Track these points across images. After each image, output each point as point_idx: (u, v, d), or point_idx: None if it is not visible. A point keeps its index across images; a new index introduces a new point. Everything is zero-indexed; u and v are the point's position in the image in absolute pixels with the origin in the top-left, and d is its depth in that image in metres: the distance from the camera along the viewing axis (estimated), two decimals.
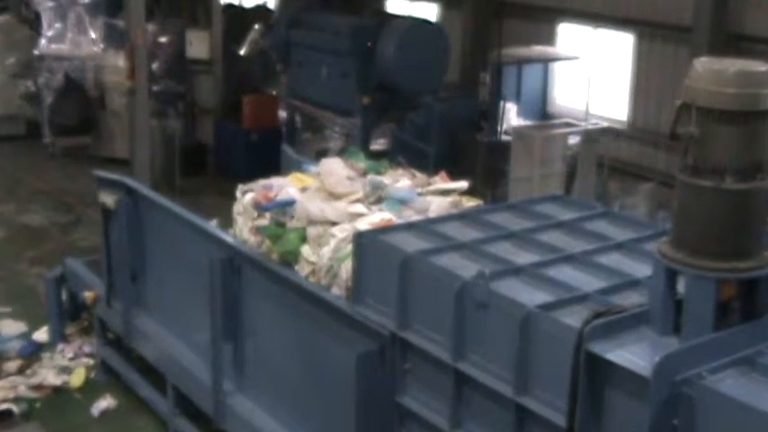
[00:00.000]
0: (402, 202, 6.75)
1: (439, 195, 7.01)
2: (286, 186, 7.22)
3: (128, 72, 13.10)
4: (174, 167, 14.72)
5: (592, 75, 13.97)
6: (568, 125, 13.21)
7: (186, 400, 7.91)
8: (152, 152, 13.68)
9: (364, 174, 7.34)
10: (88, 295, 9.04)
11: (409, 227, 6.19)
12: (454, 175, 7.52)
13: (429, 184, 7.27)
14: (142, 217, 8.40)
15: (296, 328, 6.63)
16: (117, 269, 8.61)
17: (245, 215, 7.26)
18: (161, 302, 8.37)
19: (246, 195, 7.36)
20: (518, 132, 12.91)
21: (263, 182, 7.41)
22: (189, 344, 7.91)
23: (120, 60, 15.21)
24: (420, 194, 6.98)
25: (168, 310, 8.27)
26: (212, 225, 7.93)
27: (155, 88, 15.19)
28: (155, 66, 15.61)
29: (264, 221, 6.99)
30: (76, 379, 9.06)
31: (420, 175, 7.44)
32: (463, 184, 7.22)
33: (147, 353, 8.50)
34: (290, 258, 6.66)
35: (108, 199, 8.45)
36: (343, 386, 5.97)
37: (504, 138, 13.30)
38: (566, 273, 5.45)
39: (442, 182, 7.29)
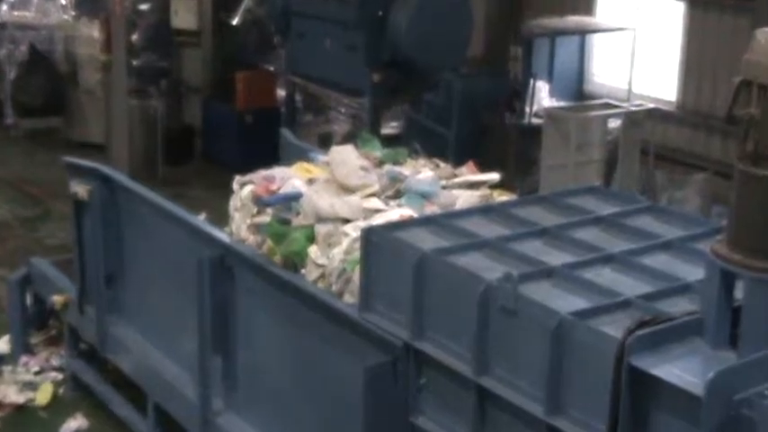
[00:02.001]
0: (424, 197, 6.74)
1: (466, 189, 7.01)
2: (290, 178, 7.21)
3: (103, 44, 13.16)
4: (156, 154, 14.75)
5: (636, 49, 13.94)
6: (608, 106, 13.20)
7: (169, 420, 7.92)
8: (131, 136, 13.72)
9: (380, 164, 7.34)
10: (57, 300, 9.05)
11: (425, 222, 6.19)
12: (478, 164, 7.51)
13: (455, 175, 7.26)
14: (120, 210, 8.41)
15: (296, 337, 6.64)
16: (90, 270, 8.62)
17: (244, 211, 7.26)
18: (141, 308, 8.39)
19: (245, 188, 7.36)
20: (551, 114, 12.91)
21: (263, 172, 7.41)
22: (173, 355, 7.92)
23: (94, 30, 15.26)
24: (445, 188, 6.97)
25: (149, 317, 8.28)
26: (200, 220, 7.94)
27: (134, 63, 15.19)
28: (134, 37, 15.60)
29: (266, 218, 6.98)
30: (42, 396, 9.07)
31: (444, 166, 7.43)
32: (494, 176, 7.21)
33: (125, 366, 8.52)
34: (296, 260, 6.64)
35: (80, 189, 8.46)
36: (350, 404, 5.97)
37: (535, 121, 13.30)
38: (605, 275, 5.44)
39: (469, 173, 7.28)
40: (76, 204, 8.63)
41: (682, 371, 4.46)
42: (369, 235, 6.00)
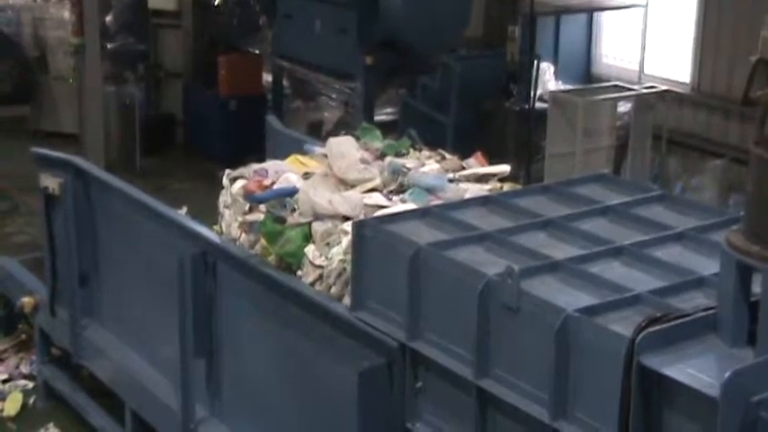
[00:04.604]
0: (430, 191, 6.74)
1: (475, 182, 7.02)
2: (285, 172, 7.19)
3: (75, 26, 13.11)
4: (133, 144, 14.77)
5: (647, 27, 13.94)
6: (618, 89, 13.21)
7: (149, 430, 7.93)
8: (106, 125, 13.70)
9: (381, 156, 7.34)
10: (26, 302, 9.06)
11: (421, 214, 6.21)
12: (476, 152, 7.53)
13: (462, 167, 7.27)
14: (94, 205, 8.42)
15: (284, 339, 6.65)
16: (62, 269, 8.63)
17: (234, 208, 7.24)
18: (117, 310, 8.40)
19: (235, 183, 7.35)
20: (556, 98, 12.92)
21: (255, 166, 7.41)
22: (152, 360, 7.94)
23: (64, 11, 15.22)
24: (452, 181, 6.98)
25: (126, 319, 8.29)
26: (181, 214, 7.95)
27: (109, 46, 15.19)
28: (108, 18, 15.60)
29: (259, 216, 6.95)
30: (11, 406, 9.07)
31: (451, 157, 7.43)
32: (505, 168, 7.22)
33: (101, 372, 8.53)
34: (292, 261, 6.62)
35: (51, 183, 8.47)
36: (343, 409, 6.00)
37: (539, 105, 13.30)
38: (614, 269, 5.46)
39: (478, 165, 7.28)
40: (47, 198, 8.63)
41: (696, 370, 4.47)
42: (360, 228, 6.01)
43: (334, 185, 6.96)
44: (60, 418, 8.90)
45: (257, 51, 16.19)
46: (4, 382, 9.37)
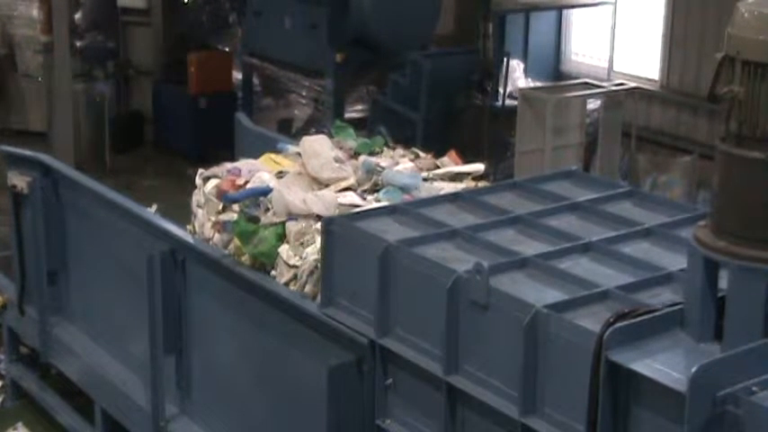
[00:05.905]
0: (404, 190, 6.74)
1: (449, 181, 7.02)
2: (258, 171, 7.17)
3: (43, 24, 13.07)
4: (103, 141, 14.71)
5: (616, 24, 13.99)
6: (587, 86, 13.24)
7: (119, 428, 7.91)
8: (76, 123, 13.66)
9: (355, 154, 7.32)
10: None
11: (391, 211, 6.21)
12: (448, 150, 7.52)
13: (436, 166, 7.27)
14: (63, 203, 8.39)
15: (254, 336, 6.65)
16: (31, 268, 8.60)
17: (208, 207, 7.20)
18: (87, 308, 8.38)
19: (209, 183, 7.32)
20: (526, 96, 12.94)
21: (228, 165, 7.38)
22: (122, 358, 7.93)
23: (33, 9, 15.15)
24: (426, 180, 6.98)
25: (96, 318, 8.27)
26: (151, 212, 7.93)
27: (78, 44, 15.12)
28: (77, 16, 15.53)
29: (232, 215, 6.91)
30: None
31: (425, 156, 7.43)
32: (479, 167, 7.22)
33: (70, 370, 8.50)
34: (266, 261, 6.60)
35: (19, 181, 8.43)
36: (313, 405, 6.00)
37: (509, 102, 13.33)
38: (582, 265, 5.47)
39: (452, 164, 7.29)
40: (15, 197, 8.59)
41: (663, 365, 4.49)
42: (330, 225, 6.01)
43: (307, 184, 6.94)
44: (29, 418, 8.86)
45: (227, 49, 16.18)
46: None
